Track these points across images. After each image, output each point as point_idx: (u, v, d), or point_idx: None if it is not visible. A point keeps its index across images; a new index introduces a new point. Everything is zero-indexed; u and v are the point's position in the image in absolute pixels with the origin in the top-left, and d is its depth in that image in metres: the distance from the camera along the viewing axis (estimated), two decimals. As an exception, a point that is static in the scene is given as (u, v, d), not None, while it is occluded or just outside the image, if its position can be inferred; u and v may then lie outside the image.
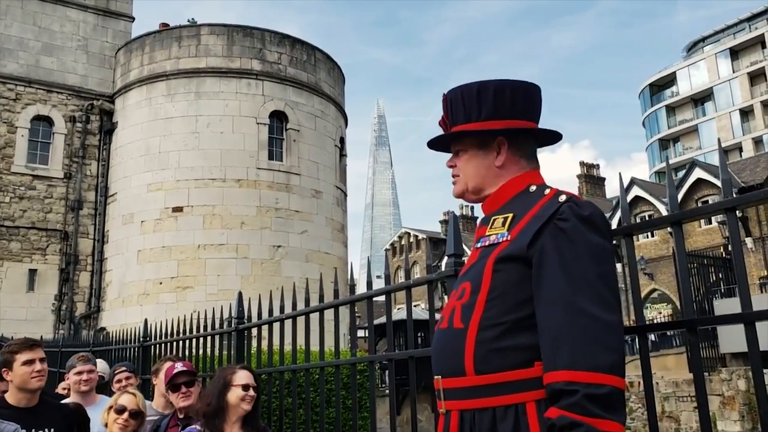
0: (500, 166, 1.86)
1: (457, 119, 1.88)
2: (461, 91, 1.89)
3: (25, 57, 19.69)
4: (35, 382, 3.41)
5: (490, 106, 1.84)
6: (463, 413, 1.67)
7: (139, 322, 6.88)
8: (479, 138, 1.87)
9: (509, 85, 1.87)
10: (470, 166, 1.89)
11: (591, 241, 1.62)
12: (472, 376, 1.65)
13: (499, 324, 1.64)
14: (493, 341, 1.63)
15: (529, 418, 1.56)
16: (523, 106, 1.87)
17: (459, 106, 1.88)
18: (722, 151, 1.78)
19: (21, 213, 18.75)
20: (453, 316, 1.75)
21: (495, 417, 1.60)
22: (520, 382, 1.59)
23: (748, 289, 1.66)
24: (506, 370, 1.61)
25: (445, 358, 1.74)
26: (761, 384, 1.61)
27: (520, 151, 1.88)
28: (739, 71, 52.17)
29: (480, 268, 1.74)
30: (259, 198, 18.51)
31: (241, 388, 3.18)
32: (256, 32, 19.97)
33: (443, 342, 1.76)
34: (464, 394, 1.66)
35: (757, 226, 27.91)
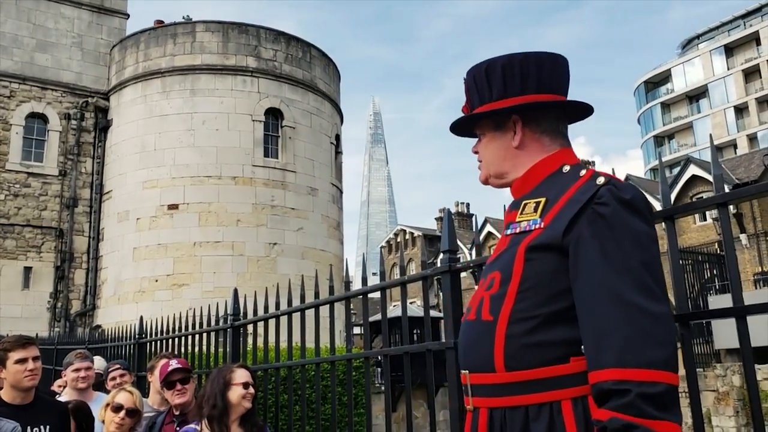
0: (518, 146, 1.74)
1: (474, 102, 1.79)
2: (474, 73, 1.79)
3: (19, 54, 19.62)
4: (27, 381, 3.40)
5: (499, 85, 1.73)
6: (493, 411, 1.57)
7: (135, 319, 6.88)
8: (495, 119, 1.76)
9: (519, 59, 1.73)
10: (489, 150, 1.79)
11: (633, 226, 1.48)
12: (502, 373, 1.54)
13: (532, 317, 1.53)
14: (525, 335, 1.53)
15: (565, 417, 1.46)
16: (537, 79, 1.72)
17: (473, 88, 1.79)
18: (714, 148, 1.79)
19: (16, 210, 18.71)
20: (481, 308, 1.64)
21: (528, 416, 1.50)
22: (555, 379, 1.49)
23: (740, 283, 1.67)
24: (540, 367, 1.50)
25: (473, 353, 1.63)
26: (752, 376, 1.63)
27: (540, 127, 1.73)
28: (734, 68, 52.30)
29: (510, 256, 1.62)
30: (254, 195, 18.50)
31: (241, 386, 3.20)
32: (251, 29, 19.94)
33: (471, 335, 1.66)
34: (494, 391, 1.56)
35: (752, 223, 27.99)
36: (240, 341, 4.38)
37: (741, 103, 51.75)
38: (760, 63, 50.44)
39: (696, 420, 1.75)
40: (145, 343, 5.96)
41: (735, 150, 48.70)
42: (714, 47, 54.33)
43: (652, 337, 1.40)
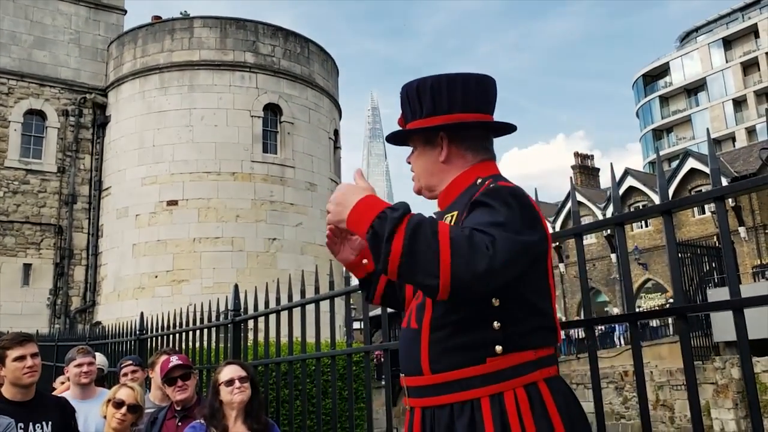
0: (444, 161, 1.85)
1: (407, 117, 1.89)
2: (407, 90, 1.89)
3: (17, 51, 19.58)
4: (27, 378, 3.40)
5: (428, 103, 1.83)
6: (424, 410, 1.70)
7: (135, 315, 6.89)
8: (424, 135, 1.86)
9: (447, 80, 1.84)
10: (419, 163, 1.90)
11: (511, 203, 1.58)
12: (428, 375, 1.68)
13: (447, 324, 1.65)
14: (445, 340, 1.65)
15: (484, 413, 1.59)
16: (462, 99, 1.83)
17: (406, 104, 1.88)
18: (711, 141, 1.80)
19: (15, 207, 18.70)
20: (411, 316, 1.78)
21: (453, 413, 1.63)
22: (474, 378, 1.61)
23: (737, 276, 1.69)
24: (460, 368, 1.63)
25: (406, 358, 1.78)
26: (749, 369, 1.64)
27: (465, 144, 1.84)
28: (732, 61, 52.26)
29: None
30: (253, 191, 18.51)
31: (225, 384, 3.23)
32: (249, 25, 19.90)
33: (404, 342, 1.80)
34: (424, 392, 1.70)
35: (750, 216, 28.03)
36: (241, 337, 4.40)
37: (739, 96, 51.72)
38: (758, 56, 50.39)
39: (693, 410, 1.77)
40: (145, 339, 5.97)
41: (734, 143, 48.72)
42: (712, 40, 54.26)
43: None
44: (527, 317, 1.64)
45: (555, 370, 1.68)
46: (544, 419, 1.57)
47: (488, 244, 1.47)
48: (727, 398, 16.74)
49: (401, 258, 1.47)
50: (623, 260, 2.01)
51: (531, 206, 1.63)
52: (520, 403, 1.58)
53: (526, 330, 1.63)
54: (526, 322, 1.64)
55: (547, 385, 1.63)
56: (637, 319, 1.93)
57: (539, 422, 1.56)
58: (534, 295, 1.66)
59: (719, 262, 20.04)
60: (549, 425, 1.57)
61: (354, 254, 1.98)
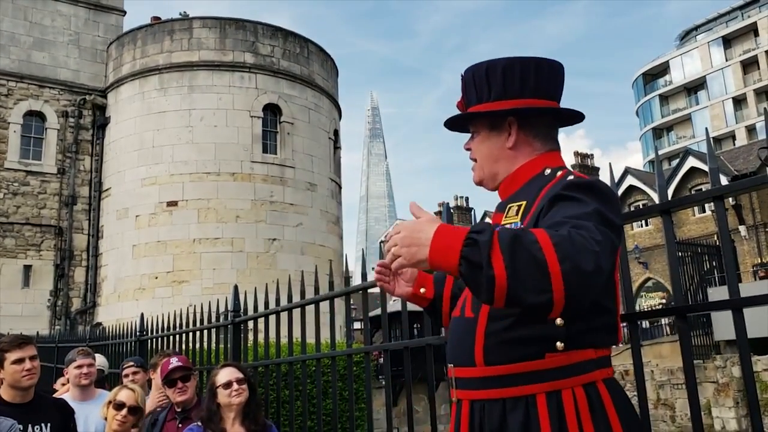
0: (512, 147, 1.79)
1: (471, 100, 1.83)
2: (473, 72, 1.83)
3: (16, 52, 19.58)
4: (26, 381, 3.41)
5: (499, 86, 1.77)
6: (474, 403, 1.65)
7: (135, 316, 6.89)
8: (491, 119, 1.80)
9: (520, 63, 1.79)
10: (483, 148, 1.83)
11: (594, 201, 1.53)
12: (482, 367, 1.62)
13: (509, 314, 1.58)
14: (503, 332, 1.59)
15: (539, 410, 1.53)
16: (534, 83, 1.78)
17: (471, 87, 1.83)
18: (710, 141, 1.80)
19: (15, 209, 18.70)
20: (465, 305, 1.72)
21: (505, 408, 1.58)
22: (531, 374, 1.56)
23: (736, 276, 1.69)
24: (516, 362, 1.57)
25: (457, 348, 1.71)
26: (749, 368, 1.64)
27: (534, 131, 1.79)
28: (732, 60, 52.24)
29: None
30: (253, 191, 18.50)
31: (223, 387, 3.23)
32: (248, 25, 19.90)
33: (456, 331, 1.74)
34: (475, 384, 1.64)
35: (751, 214, 28.02)
36: (241, 337, 4.40)
37: (739, 95, 51.70)
38: (758, 54, 50.37)
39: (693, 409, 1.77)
40: (146, 340, 5.97)
41: (734, 141, 48.69)
42: (712, 39, 54.25)
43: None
44: (592, 314, 1.57)
45: (612, 371, 1.63)
46: (603, 422, 1.52)
47: (591, 240, 1.39)
48: (728, 397, 16.73)
49: (508, 281, 1.35)
50: (623, 260, 2.01)
51: (615, 199, 1.60)
52: (578, 403, 1.52)
53: (590, 327, 1.57)
54: (590, 319, 1.58)
55: (606, 386, 1.58)
56: (637, 319, 1.93)
57: (598, 425, 1.51)
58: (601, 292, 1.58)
59: (720, 261, 20.02)
60: (608, 428, 1.52)
61: (410, 286, 1.94)
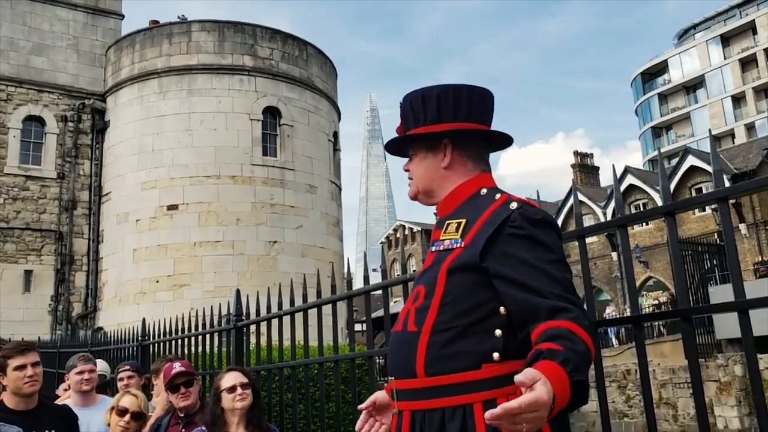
0: (446, 167, 1.90)
1: (409, 125, 1.94)
2: (410, 99, 1.94)
3: (15, 57, 19.59)
4: (28, 388, 3.39)
5: (434, 110, 1.88)
6: (415, 413, 1.71)
7: (136, 321, 6.88)
8: (428, 141, 1.91)
9: (453, 90, 1.90)
10: (420, 168, 1.94)
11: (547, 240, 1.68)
12: (422, 378, 1.69)
13: (451, 328, 1.68)
14: (444, 345, 1.68)
15: (476, 419, 1.59)
16: (467, 108, 1.89)
17: (409, 112, 1.94)
18: (713, 141, 1.80)
19: (15, 214, 18.70)
20: (408, 319, 1.79)
21: (444, 417, 1.64)
22: (468, 384, 1.63)
23: (741, 277, 1.68)
24: (455, 372, 1.65)
25: (398, 360, 1.78)
26: (755, 370, 1.64)
27: (467, 152, 1.90)
28: (731, 58, 52.24)
29: (434, 273, 1.78)
30: (253, 194, 18.50)
31: (227, 391, 3.23)
32: (247, 28, 19.91)
33: (397, 344, 1.81)
34: (415, 395, 1.71)
35: (751, 212, 28.01)
36: (243, 341, 4.39)
37: (738, 93, 51.70)
38: (756, 52, 50.38)
39: (700, 412, 1.76)
40: (148, 345, 5.96)
41: (733, 140, 48.67)
42: (710, 37, 54.26)
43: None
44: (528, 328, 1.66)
45: None
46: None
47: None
48: (730, 396, 16.72)
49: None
50: (626, 262, 2.01)
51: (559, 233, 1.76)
52: None
53: (525, 340, 1.64)
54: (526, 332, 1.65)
55: None
56: (641, 321, 1.93)
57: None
58: None
59: (720, 260, 20.03)
60: None
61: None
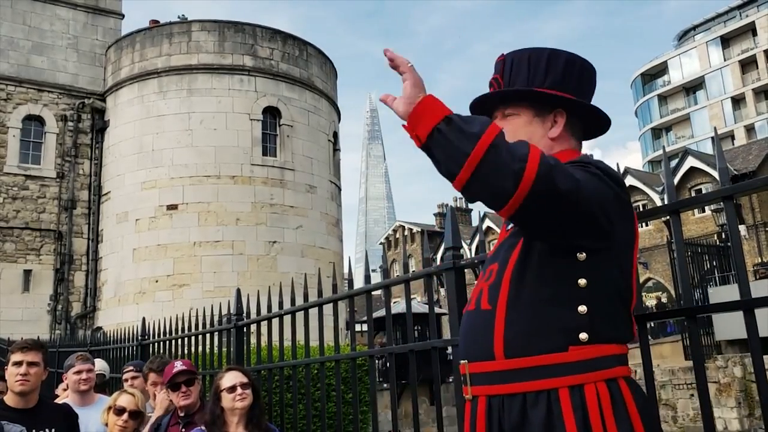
0: (554, 138, 1.76)
1: (516, 81, 1.77)
2: (529, 54, 1.78)
3: (15, 56, 19.57)
4: (17, 386, 3.35)
5: (558, 75, 1.75)
6: (491, 399, 1.57)
7: (136, 320, 6.86)
8: (537, 105, 1.76)
9: (579, 61, 1.79)
10: (524, 131, 1.74)
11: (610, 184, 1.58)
12: (501, 360, 1.55)
13: (528, 304, 1.55)
14: (524, 323, 1.54)
15: (563, 405, 1.47)
16: (588, 85, 1.80)
17: (523, 67, 1.77)
18: (718, 140, 1.79)
19: (14, 213, 18.68)
20: (480, 298, 1.66)
21: (525, 403, 1.51)
22: (553, 367, 1.49)
23: (747, 276, 1.67)
24: (537, 354, 1.51)
25: (472, 341, 1.64)
26: (761, 369, 1.62)
27: (573, 128, 1.79)
28: (731, 59, 52.26)
29: (511, 247, 1.66)
30: (253, 194, 18.49)
31: (227, 391, 3.22)
32: (247, 28, 19.90)
33: (470, 324, 1.67)
34: (493, 378, 1.57)
35: (751, 214, 28.04)
36: (244, 341, 4.38)
37: (738, 94, 51.71)
38: (756, 53, 50.39)
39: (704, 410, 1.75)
40: (147, 344, 5.95)
41: (732, 141, 48.69)
42: (710, 38, 54.28)
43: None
44: (615, 305, 1.55)
45: (630, 369, 1.58)
46: (625, 420, 1.47)
47: (573, 173, 1.48)
48: (730, 397, 16.71)
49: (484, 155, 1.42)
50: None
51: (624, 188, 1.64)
52: (602, 400, 1.47)
53: (613, 319, 1.54)
54: (613, 310, 1.54)
55: (627, 383, 1.53)
56: (646, 320, 1.92)
57: (620, 422, 1.47)
58: (622, 281, 1.57)
59: (720, 261, 20.03)
60: (629, 427, 1.47)
61: None
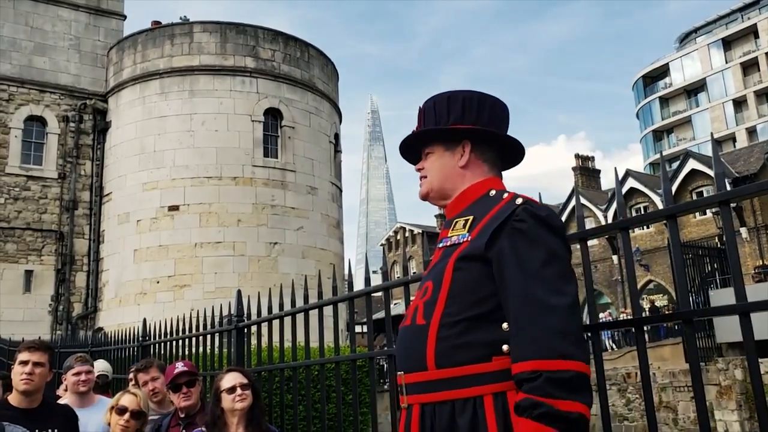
0: (463, 166, 1.93)
1: (429, 124, 1.97)
2: (435, 100, 1.98)
3: (17, 57, 19.60)
4: (21, 384, 3.39)
5: (458, 112, 1.93)
6: (424, 406, 1.72)
7: (137, 321, 6.88)
8: (446, 140, 1.94)
9: (478, 96, 1.96)
10: (436, 166, 1.96)
11: (547, 241, 1.69)
12: (433, 371, 1.70)
13: (460, 321, 1.70)
14: (454, 337, 1.69)
15: (486, 411, 1.61)
16: (489, 116, 1.94)
17: (431, 113, 1.97)
18: (716, 145, 1.80)
19: (16, 214, 18.70)
20: (416, 314, 1.81)
21: (454, 410, 1.65)
22: (478, 376, 1.64)
23: (743, 280, 1.68)
24: (465, 365, 1.66)
25: (408, 354, 1.80)
26: (757, 374, 1.64)
27: (484, 155, 1.95)
28: (732, 62, 52.23)
29: (442, 267, 1.81)
30: (255, 195, 18.51)
31: (227, 392, 3.24)
32: (249, 29, 19.92)
33: (407, 338, 1.82)
34: (425, 387, 1.72)
35: (752, 216, 28.01)
36: (244, 342, 4.39)
37: (739, 97, 51.68)
38: (758, 56, 50.36)
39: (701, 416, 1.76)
40: (149, 345, 5.96)
41: (734, 144, 48.65)
42: (712, 41, 54.25)
43: (563, 333, 1.58)
44: None
45: None
46: None
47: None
48: (731, 399, 16.70)
49: None
50: (628, 265, 2.01)
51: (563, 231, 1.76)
52: None
53: None
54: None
55: None
56: (643, 324, 1.93)
57: None
58: None
59: (721, 263, 20.01)
60: None
61: None
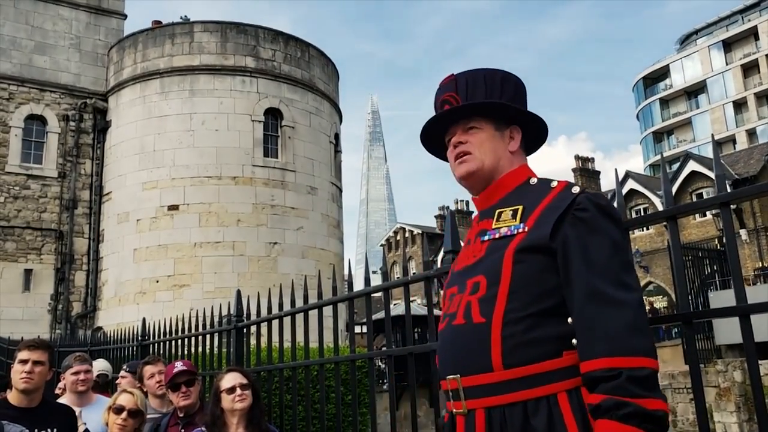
0: (513, 152, 1.90)
1: (476, 97, 1.87)
2: (484, 74, 1.90)
3: (18, 56, 19.60)
4: (21, 383, 3.39)
5: (510, 95, 1.90)
6: (491, 411, 1.62)
7: (136, 320, 6.88)
8: (497, 120, 1.89)
9: (522, 84, 1.96)
10: (487, 145, 1.87)
11: (609, 232, 1.64)
12: (500, 371, 1.61)
13: (526, 316, 1.61)
14: (521, 334, 1.60)
15: (563, 409, 1.54)
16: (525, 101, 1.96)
17: (480, 85, 1.88)
18: (716, 146, 1.80)
19: (16, 213, 18.70)
20: (470, 311, 1.70)
21: (527, 411, 1.57)
22: (550, 373, 1.57)
23: (743, 282, 1.68)
24: (535, 362, 1.58)
25: (465, 355, 1.68)
26: (757, 376, 1.64)
27: (524, 143, 1.94)
28: (732, 63, 52.25)
29: (496, 260, 1.70)
30: (254, 195, 18.50)
31: (226, 392, 3.23)
32: (249, 29, 19.92)
33: (461, 339, 1.70)
34: (491, 390, 1.61)
35: (752, 218, 28.02)
36: (244, 342, 4.39)
37: (740, 99, 51.69)
38: (758, 58, 50.38)
39: (700, 417, 1.76)
40: (148, 345, 5.96)
41: (734, 145, 48.65)
42: (712, 42, 54.26)
43: (637, 328, 1.53)
44: None
45: None
46: None
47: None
48: (730, 401, 16.70)
49: None
50: (628, 266, 2.01)
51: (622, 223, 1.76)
52: None
53: None
54: None
55: None
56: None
57: None
58: None
59: (721, 265, 20.01)
60: None
61: None
